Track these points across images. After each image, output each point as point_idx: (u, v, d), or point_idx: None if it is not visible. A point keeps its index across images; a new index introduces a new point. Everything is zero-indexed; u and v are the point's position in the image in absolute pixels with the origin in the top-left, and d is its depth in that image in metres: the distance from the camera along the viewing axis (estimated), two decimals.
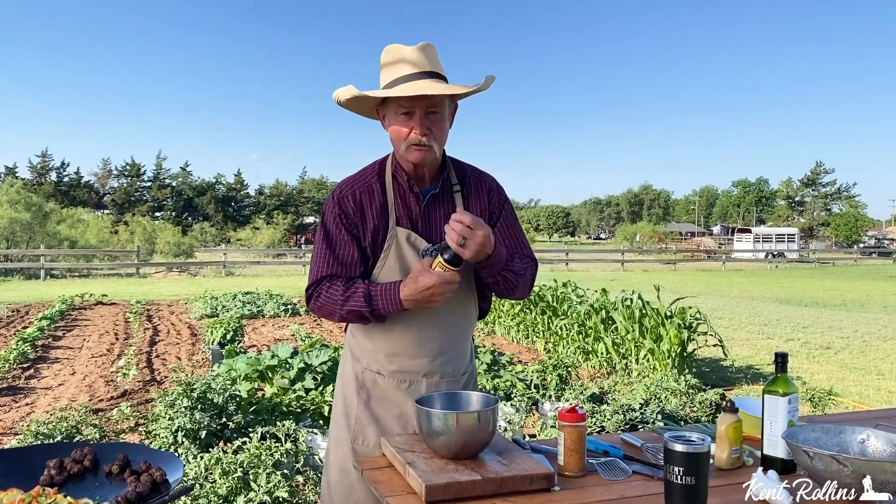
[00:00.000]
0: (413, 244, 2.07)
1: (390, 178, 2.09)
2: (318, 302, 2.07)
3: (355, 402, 2.14)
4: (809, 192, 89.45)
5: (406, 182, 2.08)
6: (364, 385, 2.14)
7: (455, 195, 2.14)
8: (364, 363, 2.15)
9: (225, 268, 28.55)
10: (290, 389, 5.85)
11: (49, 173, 68.02)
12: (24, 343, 9.09)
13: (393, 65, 1.98)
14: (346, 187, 2.10)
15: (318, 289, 2.07)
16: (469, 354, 2.27)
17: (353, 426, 2.13)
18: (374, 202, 2.07)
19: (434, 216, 2.11)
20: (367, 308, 2.00)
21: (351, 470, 2.10)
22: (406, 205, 2.09)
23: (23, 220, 29.77)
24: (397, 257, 2.06)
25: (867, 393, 7.25)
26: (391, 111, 2.00)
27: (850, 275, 30.37)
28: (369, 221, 2.07)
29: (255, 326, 11.86)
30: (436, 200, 2.11)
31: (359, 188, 2.09)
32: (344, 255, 2.07)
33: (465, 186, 2.16)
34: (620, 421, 4.98)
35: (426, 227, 2.10)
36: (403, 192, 2.09)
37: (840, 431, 1.79)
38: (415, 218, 2.09)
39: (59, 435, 4.55)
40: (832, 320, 13.32)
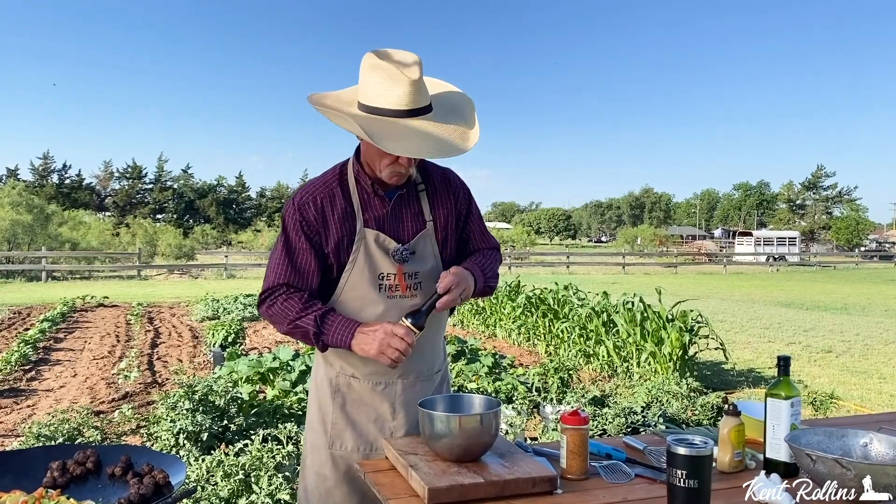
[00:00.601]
0: (382, 245, 2.05)
1: (353, 182, 2.07)
2: (271, 310, 2.04)
3: (331, 408, 2.12)
4: (810, 195, 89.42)
5: (370, 186, 2.06)
6: (339, 389, 2.12)
7: (420, 194, 2.13)
8: (337, 367, 2.12)
9: (226, 270, 28.56)
10: (291, 392, 5.85)
11: (51, 175, 68.11)
12: (26, 345, 9.09)
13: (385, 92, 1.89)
14: (307, 194, 2.06)
15: (274, 296, 2.04)
16: (442, 353, 2.27)
17: (330, 431, 2.11)
18: (337, 208, 2.05)
19: (402, 216, 2.10)
20: (315, 329, 1.98)
21: (328, 475, 2.09)
22: (371, 207, 2.07)
23: (24, 222, 29.79)
24: (366, 259, 2.04)
25: (869, 396, 7.24)
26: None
27: (852, 278, 30.35)
28: (332, 228, 2.04)
29: (256, 329, 11.87)
30: (401, 200, 2.10)
31: (320, 194, 2.05)
32: (301, 264, 2.04)
33: (429, 185, 2.15)
34: (622, 424, 4.98)
35: (394, 228, 2.08)
36: (368, 195, 2.07)
37: (843, 435, 1.79)
38: (382, 219, 2.07)
39: (60, 437, 4.56)
40: (833, 324, 13.31)
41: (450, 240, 2.18)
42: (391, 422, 2.10)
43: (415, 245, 2.08)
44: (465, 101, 2.07)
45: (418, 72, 1.89)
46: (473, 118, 2.02)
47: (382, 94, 1.89)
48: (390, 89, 1.88)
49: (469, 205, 2.23)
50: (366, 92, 1.92)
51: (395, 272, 2.05)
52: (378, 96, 1.89)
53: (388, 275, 2.05)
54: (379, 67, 1.89)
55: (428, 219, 2.12)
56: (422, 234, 2.10)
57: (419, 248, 2.09)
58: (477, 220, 2.27)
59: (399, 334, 1.93)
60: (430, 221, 2.12)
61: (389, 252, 2.05)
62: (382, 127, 1.88)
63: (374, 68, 1.90)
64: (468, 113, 2.03)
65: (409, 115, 1.89)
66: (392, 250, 2.05)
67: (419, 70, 1.90)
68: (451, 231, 2.18)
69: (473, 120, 2.01)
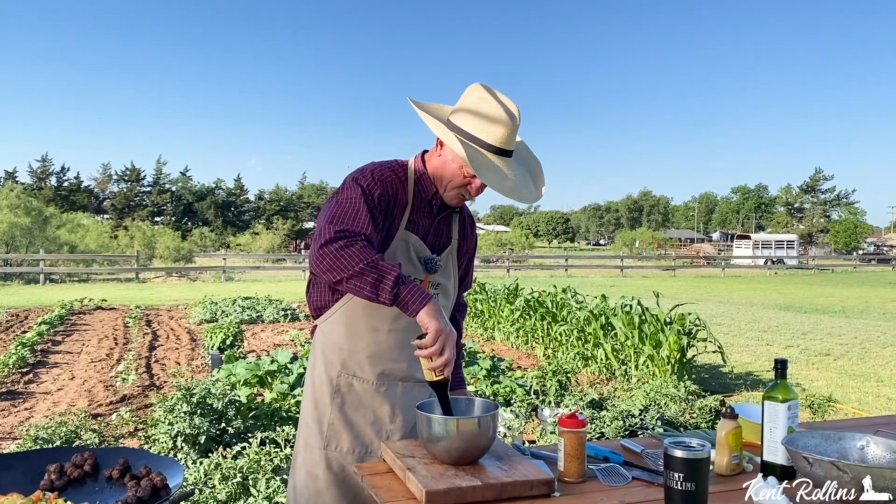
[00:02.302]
0: (418, 251, 2.10)
1: (413, 183, 2.11)
2: (348, 249, 1.81)
3: (329, 408, 2.11)
4: (809, 198, 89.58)
5: (430, 193, 2.12)
6: (339, 390, 2.11)
7: (454, 216, 2.24)
8: (338, 366, 2.11)
9: (224, 273, 28.53)
10: (289, 395, 5.85)
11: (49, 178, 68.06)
12: (24, 348, 9.07)
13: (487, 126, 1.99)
14: (385, 172, 2.06)
15: (353, 240, 1.84)
16: None
17: (326, 431, 2.10)
18: (401, 199, 2.09)
19: (440, 230, 2.19)
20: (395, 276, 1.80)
21: (319, 476, 2.08)
22: (421, 213, 2.12)
23: (22, 225, 29.75)
24: (403, 258, 2.07)
25: (866, 399, 7.24)
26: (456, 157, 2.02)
27: (850, 281, 30.38)
28: (392, 214, 2.06)
29: (254, 331, 11.86)
30: (443, 217, 2.19)
31: (391, 182, 2.06)
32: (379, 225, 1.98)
33: (461, 212, 2.27)
34: (620, 427, 4.98)
35: (434, 240, 2.16)
36: (421, 200, 2.12)
37: (840, 438, 1.80)
38: (426, 227, 2.14)
39: (58, 440, 4.55)
40: (831, 327, 13.32)
41: (461, 267, 2.31)
42: (389, 424, 2.11)
43: (444, 258, 2.18)
44: (534, 158, 2.20)
45: (519, 118, 2.03)
46: (541, 177, 2.17)
47: (484, 127, 2.00)
48: (493, 125, 2.00)
49: (474, 252, 2.40)
50: (466, 119, 2.02)
51: (422, 279, 2.10)
52: (478, 128, 2.00)
53: (415, 279, 2.08)
54: (487, 101, 2.01)
55: (455, 238, 2.23)
56: (448, 250, 2.20)
57: (444, 261, 2.19)
58: (471, 272, 2.43)
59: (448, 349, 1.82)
60: (454, 241, 2.23)
61: (422, 259, 2.10)
62: (477, 156, 1.99)
63: (482, 101, 2.02)
64: (535, 167, 2.18)
65: (497, 153, 2.01)
66: (425, 258, 2.11)
67: (519, 118, 2.03)
68: (463, 261, 2.32)
69: (541, 175, 2.17)
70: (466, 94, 2.05)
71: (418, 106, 2.08)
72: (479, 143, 1.99)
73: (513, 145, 2.05)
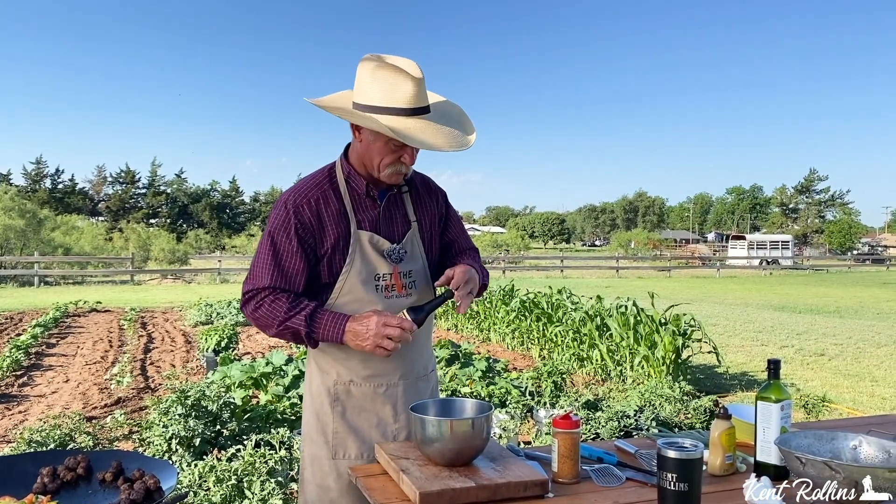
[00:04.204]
0: (376, 246, 2.08)
1: (344, 183, 2.09)
2: (257, 313, 2.02)
3: (330, 417, 2.10)
4: (803, 199, 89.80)
5: (364, 187, 2.08)
6: (338, 398, 2.10)
7: (404, 196, 2.18)
8: (334, 375, 2.11)
9: (220, 275, 28.50)
10: (284, 397, 5.84)
11: (43, 180, 67.93)
12: (18, 350, 9.05)
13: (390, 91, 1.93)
14: (301, 195, 2.05)
15: (259, 299, 2.02)
16: (432, 353, 2.32)
17: (332, 441, 2.09)
18: (331, 209, 2.06)
19: (393, 217, 2.14)
20: (305, 329, 1.97)
21: (331, 486, 2.07)
22: (364, 208, 2.10)
23: (17, 227, 29.68)
24: (362, 261, 2.06)
25: (861, 399, 7.26)
26: (376, 132, 1.97)
27: (844, 282, 30.46)
28: (328, 229, 2.05)
29: (249, 334, 11.84)
30: (390, 202, 2.14)
31: (313, 196, 2.05)
32: (289, 267, 2.03)
33: (411, 188, 2.20)
34: (615, 428, 4.99)
35: (387, 229, 2.12)
36: (359, 196, 2.09)
37: (832, 438, 1.80)
38: (375, 220, 2.10)
39: (52, 443, 4.54)
40: (826, 327, 13.35)
41: (434, 242, 2.24)
42: (393, 425, 2.11)
43: (405, 244, 2.13)
44: (453, 106, 2.12)
45: (420, 72, 1.96)
46: (468, 119, 2.09)
47: (388, 93, 1.93)
48: (396, 89, 1.93)
49: (447, 208, 2.30)
50: (369, 93, 1.96)
51: (391, 272, 2.08)
52: (383, 96, 1.93)
53: (384, 275, 2.08)
54: (383, 68, 1.94)
55: (412, 219, 2.17)
56: (409, 234, 2.15)
57: (409, 246, 2.14)
58: (457, 222, 2.34)
59: (392, 323, 1.92)
60: (414, 222, 2.17)
61: (384, 252, 2.08)
62: (397, 123, 1.93)
63: (378, 69, 1.95)
64: (460, 115, 2.10)
65: (413, 113, 1.95)
66: (386, 250, 2.08)
67: (420, 70, 1.96)
68: (435, 233, 2.25)
69: (468, 121, 2.09)
70: (359, 71, 1.99)
71: (317, 103, 2.03)
72: (393, 112, 1.93)
73: (426, 100, 1.99)
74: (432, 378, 2.25)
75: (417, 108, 1.95)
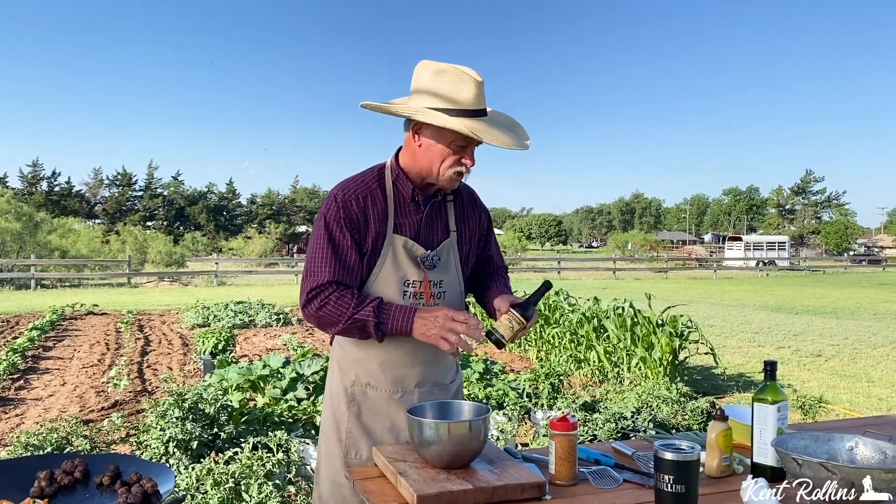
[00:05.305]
0: (410, 252, 2.09)
1: (391, 185, 2.10)
2: (323, 310, 2.00)
3: (346, 416, 2.13)
4: (800, 200, 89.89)
5: (410, 191, 2.09)
6: (354, 398, 2.13)
7: (448, 205, 2.19)
8: (353, 376, 2.14)
9: (217, 277, 28.46)
10: (281, 399, 5.84)
11: (40, 183, 67.74)
12: (14, 353, 9.03)
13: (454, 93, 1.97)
14: (349, 190, 2.08)
15: (325, 296, 2.01)
16: (457, 364, 2.30)
17: (345, 440, 2.12)
18: (376, 208, 2.07)
19: (434, 224, 2.15)
20: (375, 320, 1.98)
21: (343, 483, 2.09)
22: (406, 213, 2.10)
23: (13, 230, 29.61)
24: (393, 265, 2.07)
25: (857, 400, 7.28)
26: (439, 135, 2.00)
27: (841, 282, 30.51)
28: (372, 227, 2.07)
29: (246, 336, 11.82)
30: (433, 209, 2.15)
31: (361, 192, 2.08)
32: (348, 260, 2.05)
33: (457, 199, 2.21)
34: (612, 429, 4.99)
35: (426, 235, 2.13)
36: (404, 200, 2.10)
37: (829, 439, 1.80)
38: (416, 225, 2.11)
39: (49, 446, 4.53)
40: (823, 328, 13.37)
41: (471, 255, 2.26)
42: (406, 432, 2.11)
43: (440, 252, 2.13)
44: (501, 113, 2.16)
45: (479, 75, 1.99)
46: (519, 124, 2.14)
47: (452, 94, 1.96)
48: (460, 90, 1.96)
49: (489, 225, 2.33)
50: (435, 96, 1.98)
51: (421, 279, 2.09)
52: (452, 98, 1.96)
53: (413, 282, 2.09)
54: (445, 71, 1.98)
55: (452, 229, 2.18)
56: (446, 243, 2.15)
57: (444, 255, 2.14)
58: (495, 241, 2.37)
59: (459, 319, 1.95)
60: (454, 232, 2.18)
61: (417, 258, 2.09)
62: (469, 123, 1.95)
63: (440, 71, 1.98)
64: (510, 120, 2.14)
65: (474, 115, 1.98)
66: (420, 256, 2.09)
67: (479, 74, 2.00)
68: (473, 246, 2.26)
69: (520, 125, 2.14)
70: (419, 75, 2.02)
71: (376, 107, 2.06)
72: (457, 112, 1.96)
73: (485, 103, 2.03)
74: (453, 388, 2.25)
75: (479, 110, 1.99)
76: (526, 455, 2.01)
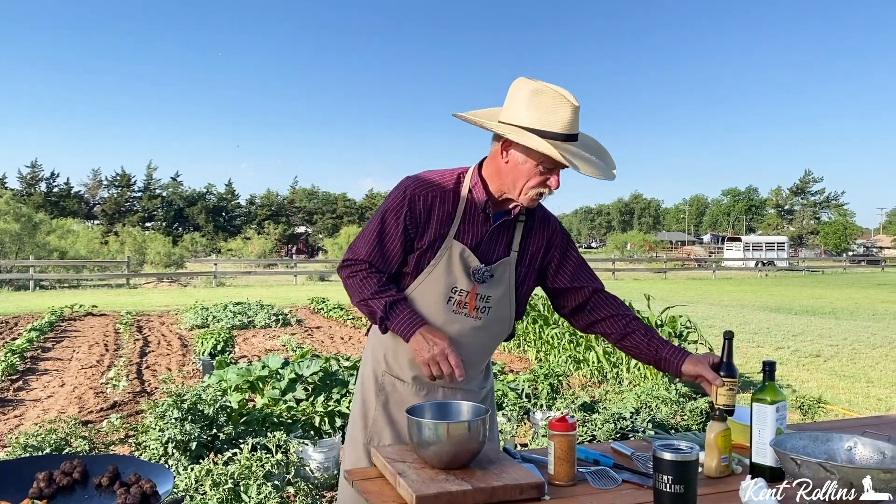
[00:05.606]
0: (465, 261, 2.08)
1: (466, 191, 2.10)
2: (350, 280, 2.12)
3: (373, 404, 2.18)
4: (799, 200, 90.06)
5: (483, 202, 2.08)
6: (383, 388, 2.17)
7: (518, 225, 2.17)
8: (384, 365, 2.18)
9: (216, 278, 28.45)
10: (280, 400, 5.83)
11: (39, 184, 67.80)
12: (13, 354, 9.02)
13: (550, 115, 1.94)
14: (421, 187, 2.09)
15: (355, 269, 2.12)
16: (486, 372, 2.32)
17: (370, 427, 2.17)
18: (443, 210, 2.08)
19: (497, 240, 2.14)
20: (382, 314, 2.06)
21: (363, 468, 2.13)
22: (473, 222, 2.10)
23: (12, 231, 29.61)
24: (445, 270, 2.08)
25: (856, 400, 7.28)
26: (528, 154, 1.98)
27: (840, 283, 30.53)
28: (433, 226, 2.08)
29: (245, 337, 11.82)
30: (501, 226, 2.14)
31: (433, 192, 2.09)
32: (389, 248, 2.09)
33: (529, 219, 2.19)
34: (611, 430, 4.99)
35: (486, 249, 2.12)
36: (474, 209, 2.10)
37: (827, 439, 1.80)
38: (479, 237, 2.11)
39: (48, 447, 4.53)
40: (822, 328, 13.38)
41: (529, 276, 2.22)
42: None
43: (496, 269, 2.12)
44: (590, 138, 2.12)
45: (576, 100, 1.97)
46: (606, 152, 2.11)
47: (547, 116, 1.94)
48: (555, 113, 1.94)
49: (566, 242, 2.26)
50: (524, 115, 1.96)
51: (468, 290, 2.09)
52: (541, 119, 1.94)
53: (460, 290, 2.09)
54: (543, 92, 1.96)
55: (514, 249, 2.16)
56: (504, 261, 2.14)
57: (498, 272, 2.13)
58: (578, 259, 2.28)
59: (452, 361, 1.99)
60: (515, 252, 2.16)
61: (470, 269, 2.08)
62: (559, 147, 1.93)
63: (538, 92, 1.96)
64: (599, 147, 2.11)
65: (566, 139, 1.96)
66: (474, 268, 2.09)
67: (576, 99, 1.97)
68: (534, 269, 2.22)
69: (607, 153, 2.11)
70: (515, 92, 2.00)
71: (468, 118, 2.05)
72: (549, 135, 1.94)
73: (578, 129, 2.01)
74: (482, 394, 2.27)
75: (571, 135, 1.97)
76: (525, 455, 2.01)
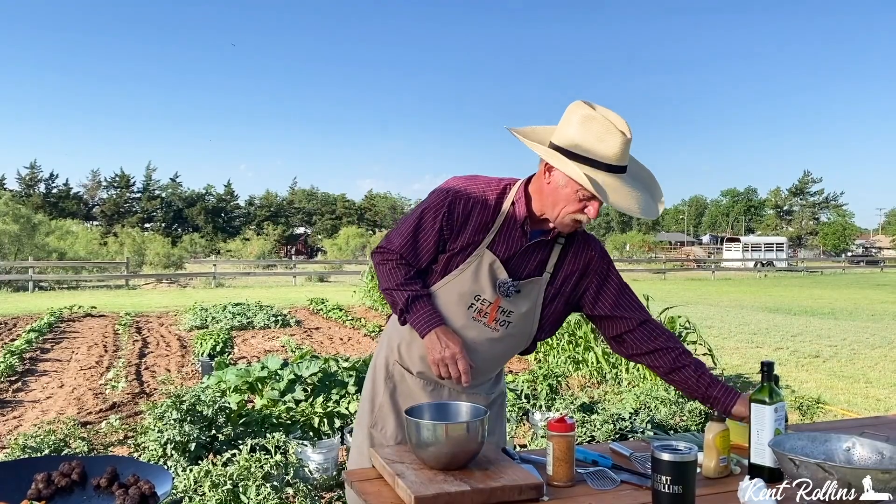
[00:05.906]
0: (494, 271, 2.08)
1: (508, 204, 2.08)
2: (380, 267, 2.17)
3: (381, 390, 2.21)
4: (797, 201, 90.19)
5: (522, 218, 2.07)
6: (392, 376, 2.20)
7: (555, 246, 2.15)
8: (396, 355, 2.20)
9: (215, 279, 28.44)
10: (279, 401, 5.83)
11: (38, 185, 67.82)
12: (12, 356, 9.01)
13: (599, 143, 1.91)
14: (464, 192, 2.09)
15: (386, 258, 2.16)
16: (498, 378, 2.32)
17: (376, 412, 2.20)
18: (481, 218, 2.07)
19: (531, 257, 2.12)
20: (402, 307, 2.10)
21: (364, 452, 2.17)
22: (510, 235, 2.09)
23: (11, 232, 29.59)
24: (472, 276, 2.08)
25: (855, 401, 7.28)
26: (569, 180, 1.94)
27: (839, 283, 30.55)
28: (468, 232, 2.08)
29: (244, 338, 11.82)
30: (538, 244, 2.12)
31: (474, 199, 2.08)
32: (421, 245, 2.12)
33: (568, 241, 2.16)
34: (610, 430, 4.99)
35: (518, 264, 2.11)
36: (514, 223, 2.08)
37: (826, 439, 1.81)
38: (511, 251, 2.09)
39: (46, 448, 4.52)
40: (821, 329, 13.39)
41: (560, 298, 2.19)
42: None
43: (523, 286, 2.10)
44: (643, 169, 2.11)
45: (630, 131, 1.94)
46: (657, 185, 2.09)
47: (595, 144, 1.92)
48: (604, 141, 1.92)
49: (607, 274, 2.20)
50: (573, 139, 1.94)
51: (492, 300, 2.09)
52: (590, 146, 1.92)
53: (483, 299, 2.09)
54: (595, 119, 1.93)
55: (548, 270, 2.14)
56: (535, 280, 2.13)
57: (526, 290, 2.11)
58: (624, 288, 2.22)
59: (461, 367, 2.02)
60: (547, 273, 2.14)
61: (497, 281, 2.08)
62: (598, 177, 1.91)
63: (590, 118, 1.93)
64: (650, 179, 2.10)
65: (612, 170, 1.93)
66: (500, 280, 2.08)
67: (630, 130, 1.94)
68: (565, 292, 2.19)
69: (657, 186, 2.09)
70: (569, 115, 1.97)
71: (519, 133, 2.03)
72: (594, 164, 1.91)
73: (627, 160, 1.97)
74: (491, 397, 2.27)
75: (616, 166, 1.94)
76: (524, 456, 2.01)
